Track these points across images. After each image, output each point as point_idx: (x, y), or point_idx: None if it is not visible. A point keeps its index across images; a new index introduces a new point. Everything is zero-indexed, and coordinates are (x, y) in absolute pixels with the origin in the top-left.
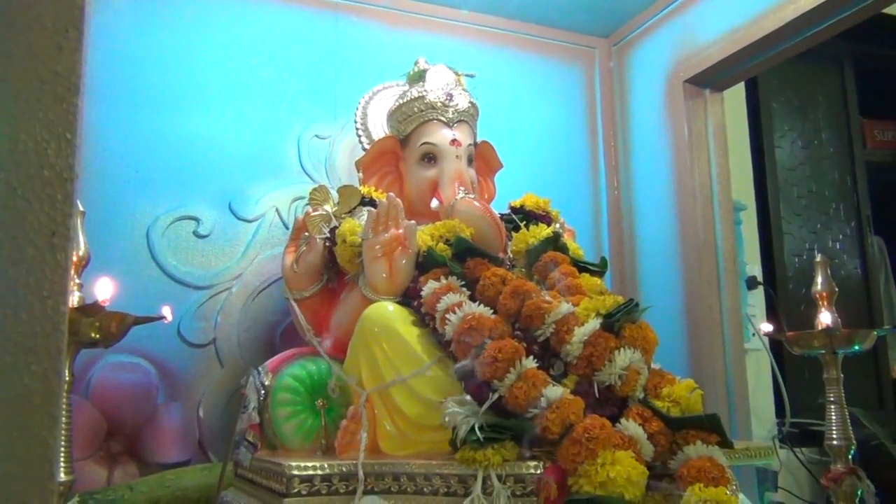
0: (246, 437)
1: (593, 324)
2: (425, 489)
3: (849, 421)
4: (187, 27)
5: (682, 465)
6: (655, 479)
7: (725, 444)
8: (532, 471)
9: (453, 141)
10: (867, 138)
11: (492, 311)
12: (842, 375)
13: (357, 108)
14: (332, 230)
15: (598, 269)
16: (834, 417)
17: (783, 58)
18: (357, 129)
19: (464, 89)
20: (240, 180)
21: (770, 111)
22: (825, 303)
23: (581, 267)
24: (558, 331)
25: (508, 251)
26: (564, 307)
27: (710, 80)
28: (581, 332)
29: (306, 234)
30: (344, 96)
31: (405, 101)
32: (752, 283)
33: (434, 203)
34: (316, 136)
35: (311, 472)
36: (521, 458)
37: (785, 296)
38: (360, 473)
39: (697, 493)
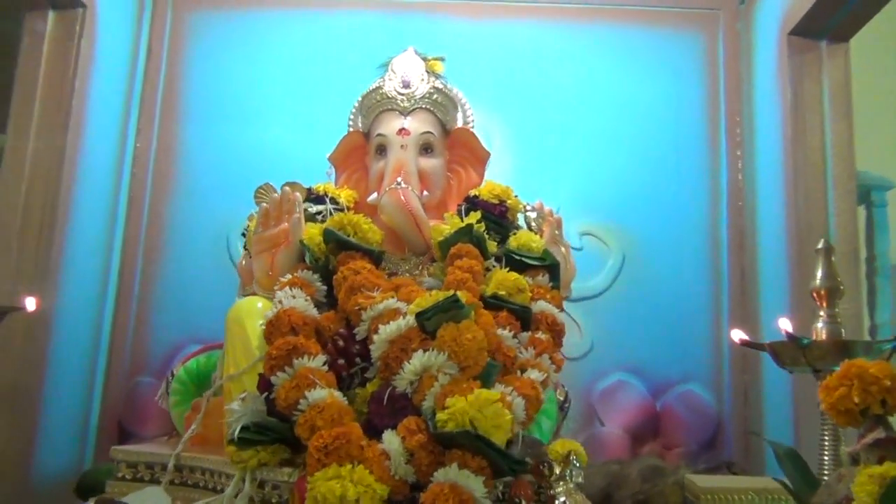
0: None
1: (400, 323)
2: (218, 486)
3: None
4: (257, 44)
5: (427, 490)
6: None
7: (500, 471)
8: (285, 478)
9: (401, 130)
10: None
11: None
12: None
13: (354, 104)
14: None
15: (539, 263)
16: (826, 455)
17: None
18: (350, 124)
19: (431, 74)
20: (311, 182)
21: None
22: (823, 303)
23: (517, 261)
24: (371, 329)
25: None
26: (383, 304)
27: (820, 28)
28: (386, 331)
29: None
30: None
31: (367, 93)
32: None
33: (373, 196)
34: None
35: (134, 459)
36: (284, 464)
37: None
38: (170, 465)
39: None
